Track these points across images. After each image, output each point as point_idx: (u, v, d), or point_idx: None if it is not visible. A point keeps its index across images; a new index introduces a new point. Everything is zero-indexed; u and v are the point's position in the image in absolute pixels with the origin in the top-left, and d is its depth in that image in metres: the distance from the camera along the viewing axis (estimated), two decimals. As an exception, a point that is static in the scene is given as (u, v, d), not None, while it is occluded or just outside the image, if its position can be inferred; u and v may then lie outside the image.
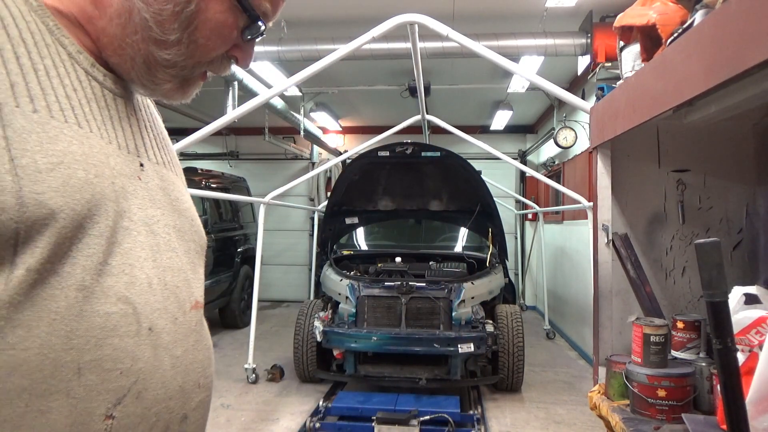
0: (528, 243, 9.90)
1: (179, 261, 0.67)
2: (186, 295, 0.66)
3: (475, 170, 5.37)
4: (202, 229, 0.76)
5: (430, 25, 2.96)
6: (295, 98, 7.53)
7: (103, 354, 0.53)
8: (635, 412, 1.61)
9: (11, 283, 0.48)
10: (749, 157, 1.89)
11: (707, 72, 1.08)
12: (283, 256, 10.07)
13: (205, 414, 0.70)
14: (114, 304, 0.55)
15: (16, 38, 0.52)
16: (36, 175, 0.49)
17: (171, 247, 0.66)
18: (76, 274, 0.52)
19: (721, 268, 0.87)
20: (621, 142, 1.90)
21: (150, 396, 0.58)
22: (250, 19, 0.66)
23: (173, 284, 0.64)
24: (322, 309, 4.99)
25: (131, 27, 0.61)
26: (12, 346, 0.48)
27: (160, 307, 0.61)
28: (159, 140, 0.74)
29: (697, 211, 1.95)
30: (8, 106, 0.49)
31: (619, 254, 1.91)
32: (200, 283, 0.72)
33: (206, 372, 0.69)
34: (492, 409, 4.55)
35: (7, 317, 0.48)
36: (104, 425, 0.53)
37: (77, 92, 0.58)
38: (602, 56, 4.64)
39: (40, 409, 0.49)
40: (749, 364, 1.22)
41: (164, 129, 0.79)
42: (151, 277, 0.60)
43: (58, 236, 0.50)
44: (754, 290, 1.39)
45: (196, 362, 0.66)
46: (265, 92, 3.55)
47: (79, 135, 0.55)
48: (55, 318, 0.50)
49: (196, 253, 0.73)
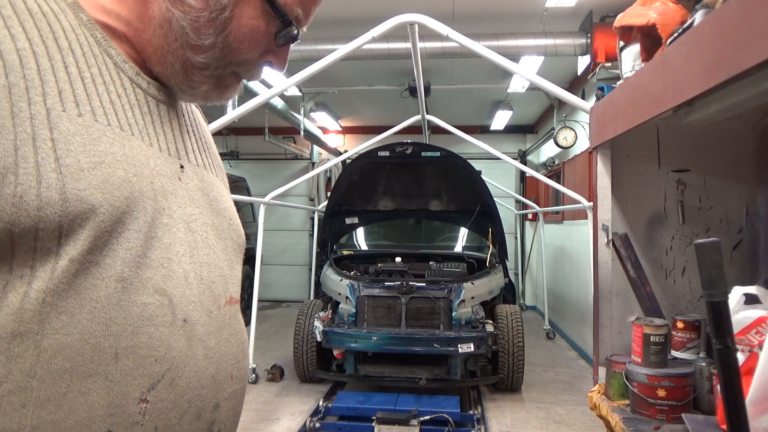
0: (528, 243, 9.90)
1: (216, 258, 0.70)
2: (222, 290, 0.69)
3: (475, 170, 5.37)
4: (241, 229, 0.80)
5: (430, 25, 2.96)
6: (295, 98, 7.53)
7: (139, 341, 0.57)
8: (635, 412, 1.61)
9: (56, 273, 0.52)
10: (749, 157, 1.89)
11: (707, 72, 1.08)
12: (283, 256, 10.07)
13: (238, 405, 0.72)
14: (151, 295, 0.59)
15: (66, 49, 0.57)
16: (79, 173, 0.53)
17: (208, 244, 0.69)
18: (117, 266, 0.56)
19: (721, 268, 0.87)
20: (621, 142, 1.90)
21: (183, 383, 0.61)
22: (282, 24, 0.68)
23: (209, 279, 0.67)
24: (322, 309, 4.99)
25: (172, 35, 0.65)
26: (56, 331, 0.52)
27: (196, 300, 0.64)
28: (201, 144, 0.78)
29: (697, 211, 1.95)
30: (55, 110, 0.54)
31: (619, 254, 1.91)
32: (237, 279, 0.75)
33: (239, 365, 0.71)
34: (492, 409, 4.55)
35: (53, 304, 0.52)
36: (138, 408, 0.57)
37: (121, 98, 0.62)
38: (602, 56, 4.64)
39: (80, 390, 0.53)
40: (749, 364, 1.22)
41: (209, 134, 0.84)
42: (188, 271, 0.64)
43: (98, 229, 0.54)
44: (754, 290, 1.39)
45: (230, 354, 0.69)
46: (265, 92, 3.55)
47: (120, 137, 0.59)
48: (96, 306, 0.54)
49: (233, 251, 0.76)
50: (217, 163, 0.82)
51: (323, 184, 9.78)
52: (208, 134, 0.84)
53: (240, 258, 0.78)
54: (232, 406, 0.70)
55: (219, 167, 0.83)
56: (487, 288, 4.84)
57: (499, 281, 5.14)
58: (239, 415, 0.74)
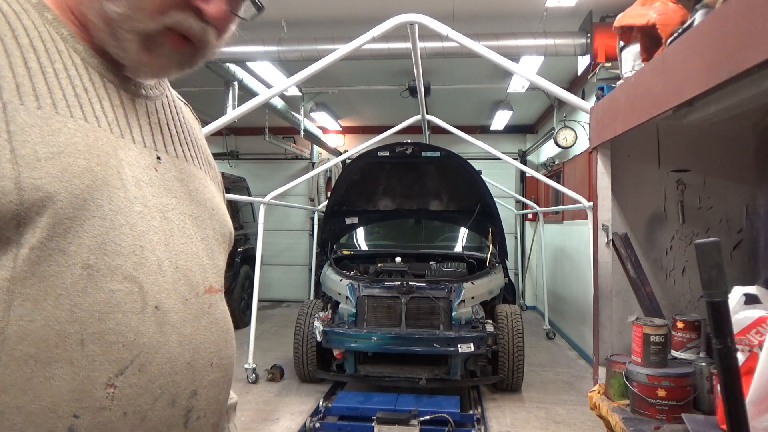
0: (528, 243, 9.90)
1: (194, 247, 0.70)
2: (200, 279, 0.69)
3: (475, 170, 5.37)
4: (226, 220, 0.80)
5: (430, 25, 2.96)
6: (295, 98, 7.53)
7: (105, 327, 0.58)
8: (635, 412, 1.61)
9: (18, 261, 0.54)
10: (749, 157, 1.89)
11: (707, 72, 1.08)
12: (283, 256, 10.07)
13: (221, 393, 0.72)
14: (120, 282, 0.59)
15: (27, 46, 0.59)
16: (35, 163, 0.54)
17: (185, 234, 0.69)
18: (82, 254, 0.57)
19: (721, 268, 0.87)
20: (621, 142, 1.90)
21: (154, 369, 0.61)
22: None
23: (186, 268, 0.67)
24: (322, 309, 4.99)
25: None
26: (21, 317, 0.53)
27: (170, 288, 0.64)
28: (184, 138, 0.78)
29: (697, 211, 1.95)
30: (12, 104, 0.55)
31: (619, 254, 1.90)
32: (218, 269, 0.75)
33: (221, 353, 0.71)
34: (492, 409, 4.55)
35: (16, 292, 0.53)
36: (106, 393, 0.57)
37: (88, 92, 0.62)
38: (602, 56, 4.64)
39: (45, 375, 0.54)
40: (749, 364, 1.22)
41: (197, 130, 0.85)
42: (162, 259, 0.64)
43: (57, 216, 0.55)
44: (754, 290, 1.39)
45: (209, 342, 0.69)
46: (265, 92, 3.55)
47: (84, 129, 0.60)
48: (61, 293, 0.55)
49: (215, 240, 0.76)
50: (204, 158, 0.82)
51: (323, 184, 9.78)
52: (197, 130, 0.85)
53: (224, 248, 0.79)
54: (212, 395, 0.69)
55: (207, 162, 0.83)
56: (487, 288, 4.84)
57: (499, 281, 5.14)
58: (223, 403, 0.73)
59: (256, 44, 5.10)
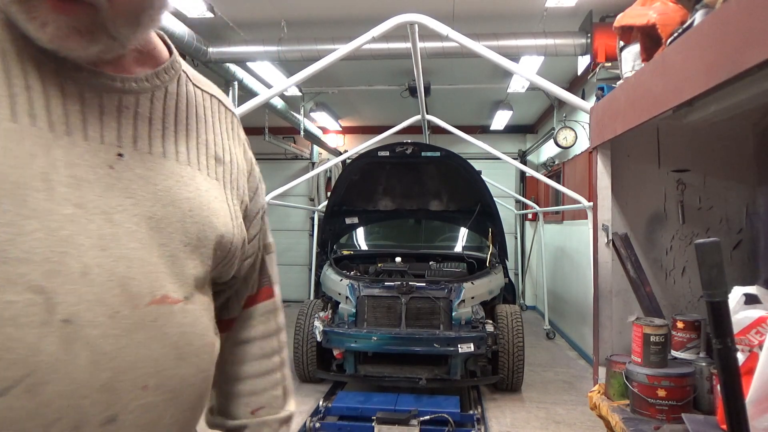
0: (528, 243, 9.90)
1: (145, 252, 0.63)
2: (145, 288, 0.62)
3: (475, 170, 5.37)
4: (213, 221, 0.72)
5: (430, 25, 2.96)
6: (295, 98, 7.53)
7: None
8: (635, 412, 1.61)
9: None
10: (749, 157, 1.89)
11: (707, 72, 1.08)
12: (283, 256, 10.05)
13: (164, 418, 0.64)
14: (20, 293, 0.54)
15: None
16: None
17: (136, 238, 0.63)
18: None
19: (721, 268, 0.87)
20: (621, 142, 1.90)
21: (50, 390, 0.54)
22: None
23: (126, 276, 0.60)
24: (322, 309, 4.99)
25: None
26: None
27: (93, 299, 0.57)
28: (172, 132, 0.71)
29: (697, 211, 1.95)
30: None
31: (619, 254, 1.91)
32: (181, 277, 0.67)
33: (166, 372, 0.63)
34: (492, 409, 4.55)
35: None
36: None
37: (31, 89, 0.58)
38: (602, 56, 4.64)
39: None
40: (749, 364, 1.22)
41: (214, 125, 0.78)
42: (90, 266, 0.58)
43: None
44: (754, 290, 1.39)
45: (144, 360, 0.61)
46: (265, 92, 3.55)
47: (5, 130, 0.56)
48: None
49: (185, 245, 0.68)
50: (194, 156, 0.73)
51: (323, 184, 9.78)
52: (216, 125, 0.78)
53: (202, 253, 0.70)
54: (146, 421, 0.61)
55: (197, 159, 0.74)
56: (487, 288, 4.84)
57: (499, 281, 5.14)
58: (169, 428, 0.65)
59: (256, 44, 5.10)
